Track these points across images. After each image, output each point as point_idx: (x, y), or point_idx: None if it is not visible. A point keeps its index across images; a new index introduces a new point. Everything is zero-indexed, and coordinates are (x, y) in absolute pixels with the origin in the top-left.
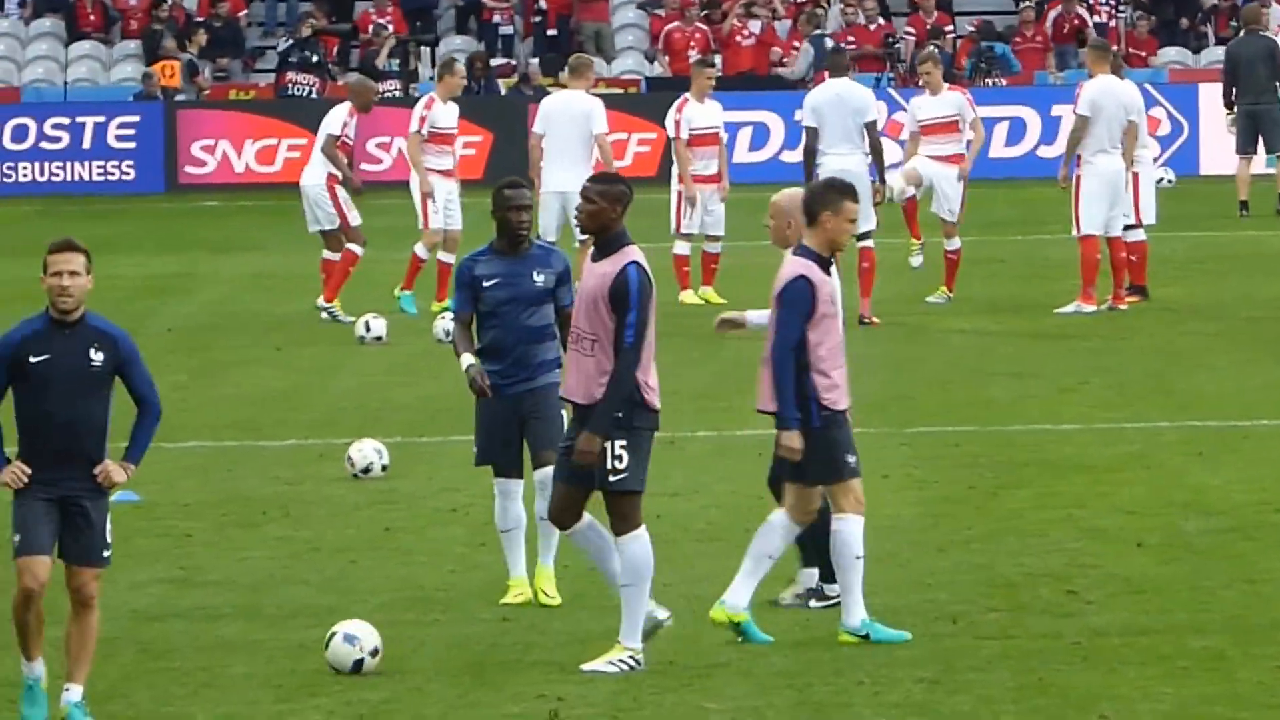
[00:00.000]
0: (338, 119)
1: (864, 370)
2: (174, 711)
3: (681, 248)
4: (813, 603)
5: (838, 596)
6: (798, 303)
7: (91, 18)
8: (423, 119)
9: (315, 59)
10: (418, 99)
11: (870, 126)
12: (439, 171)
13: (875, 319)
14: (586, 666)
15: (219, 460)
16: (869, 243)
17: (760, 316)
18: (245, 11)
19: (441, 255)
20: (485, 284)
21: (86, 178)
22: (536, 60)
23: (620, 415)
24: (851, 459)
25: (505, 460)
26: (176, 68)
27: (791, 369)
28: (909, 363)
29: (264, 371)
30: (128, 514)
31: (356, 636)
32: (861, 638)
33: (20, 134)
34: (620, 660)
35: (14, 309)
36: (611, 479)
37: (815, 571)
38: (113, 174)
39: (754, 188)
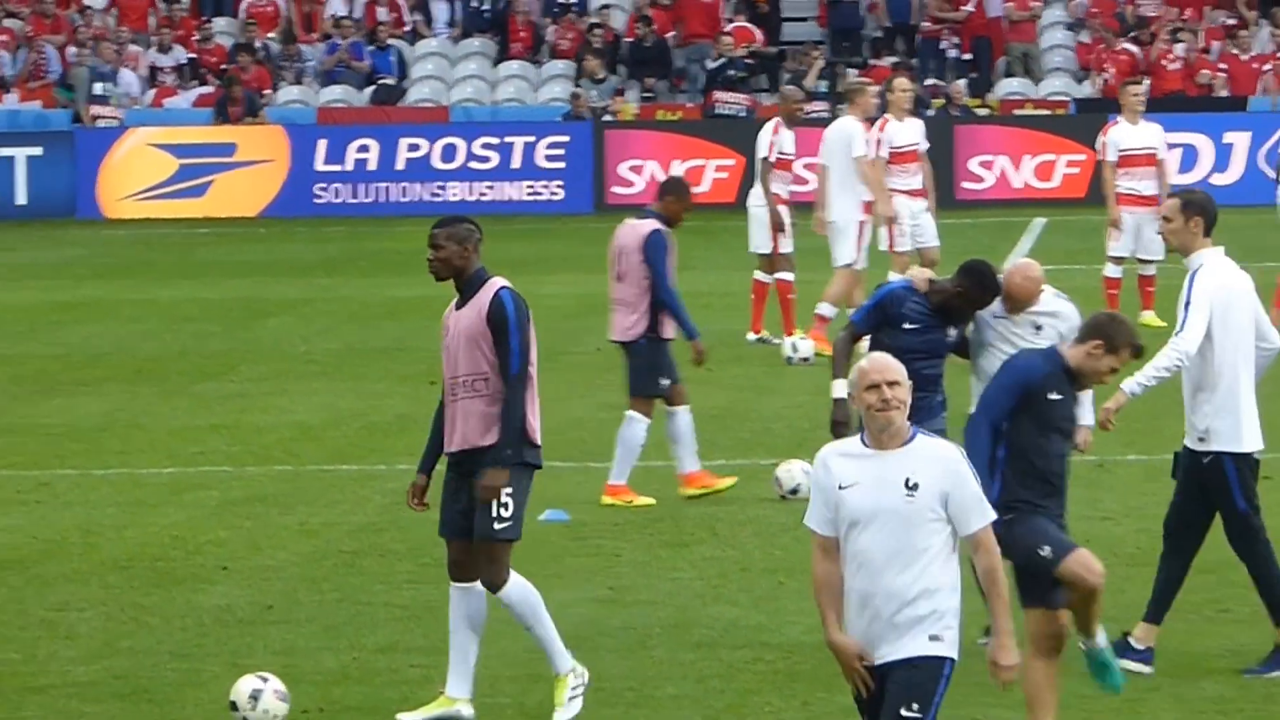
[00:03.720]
0: (764, 139)
1: None
2: None
3: (1112, 270)
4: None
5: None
6: None
7: (521, 34)
8: (879, 141)
9: (744, 79)
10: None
11: None
12: (905, 191)
13: None
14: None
15: (648, 480)
16: None
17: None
18: (672, 33)
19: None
20: (904, 325)
21: (515, 198)
22: (962, 81)
23: (510, 451)
24: None
25: None
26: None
27: None
28: None
29: (693, 391)
30: (557, 533)
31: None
32: None
33: (449, 154)
34: (571, 690)
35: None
36: (497, 526)
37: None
38: (541, 194)
39: None
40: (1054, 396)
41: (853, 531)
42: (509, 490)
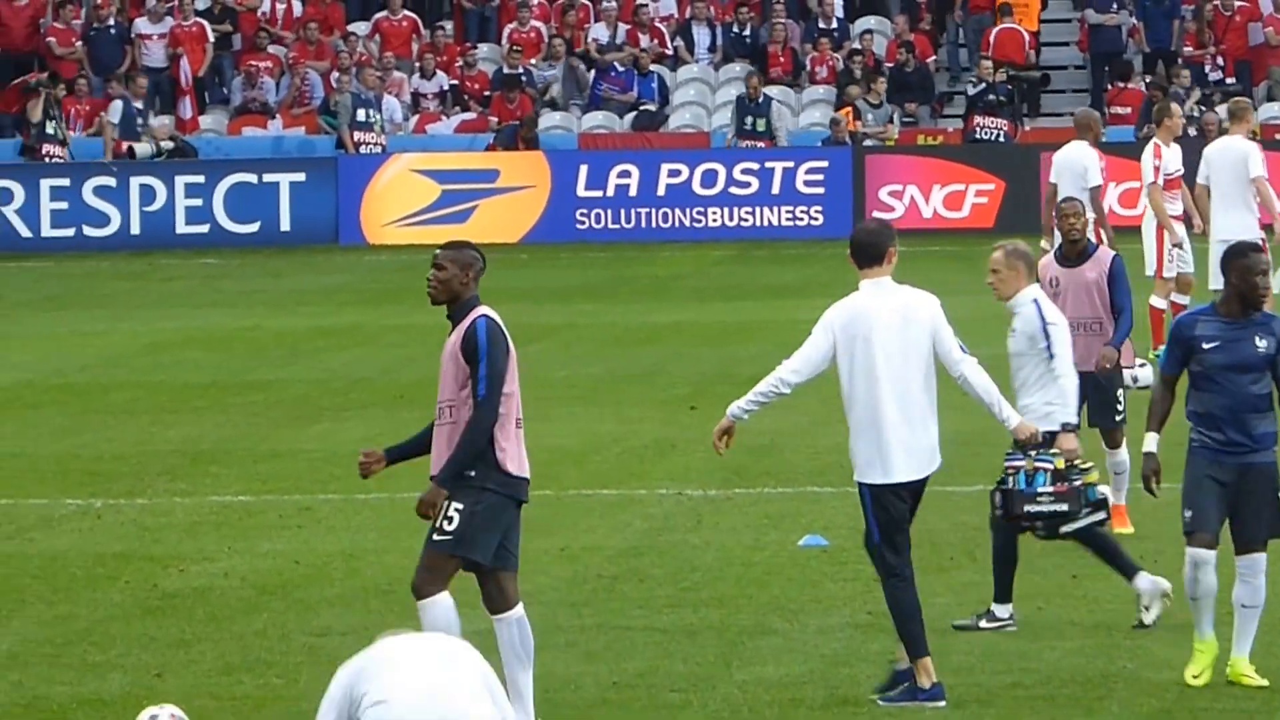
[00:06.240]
0: (1093, 167)
1: None
2: None
3: None
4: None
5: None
6: None
7: (781, 60)
8: (1156, 168)
9: (1005, 103)
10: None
11: None
12: (1172, 217)
13: None
14: None
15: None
16: None
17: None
18: (933, 57)
19: (1175, 297)
20: (1204, 345)
21: (775, 223)
22: (1223, 107)
23: (473, 474)
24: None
25: (1210, 530)
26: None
27: None
28: None
29: (950, 416)
30: (816, 558)
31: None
32: None
33: (710, 179)
34: None
35: (719, 348)
36: (435, 537)
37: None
38: (801, 219)
39: None
40: None
41: None
42: (458, 506)
